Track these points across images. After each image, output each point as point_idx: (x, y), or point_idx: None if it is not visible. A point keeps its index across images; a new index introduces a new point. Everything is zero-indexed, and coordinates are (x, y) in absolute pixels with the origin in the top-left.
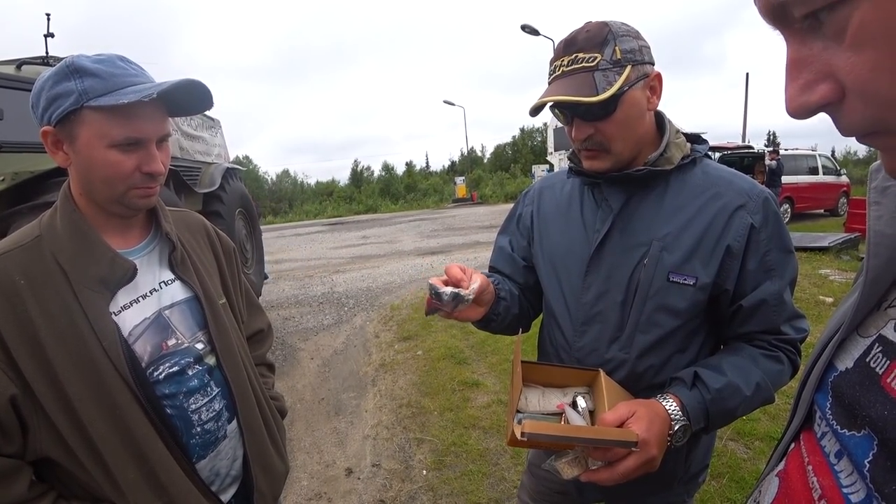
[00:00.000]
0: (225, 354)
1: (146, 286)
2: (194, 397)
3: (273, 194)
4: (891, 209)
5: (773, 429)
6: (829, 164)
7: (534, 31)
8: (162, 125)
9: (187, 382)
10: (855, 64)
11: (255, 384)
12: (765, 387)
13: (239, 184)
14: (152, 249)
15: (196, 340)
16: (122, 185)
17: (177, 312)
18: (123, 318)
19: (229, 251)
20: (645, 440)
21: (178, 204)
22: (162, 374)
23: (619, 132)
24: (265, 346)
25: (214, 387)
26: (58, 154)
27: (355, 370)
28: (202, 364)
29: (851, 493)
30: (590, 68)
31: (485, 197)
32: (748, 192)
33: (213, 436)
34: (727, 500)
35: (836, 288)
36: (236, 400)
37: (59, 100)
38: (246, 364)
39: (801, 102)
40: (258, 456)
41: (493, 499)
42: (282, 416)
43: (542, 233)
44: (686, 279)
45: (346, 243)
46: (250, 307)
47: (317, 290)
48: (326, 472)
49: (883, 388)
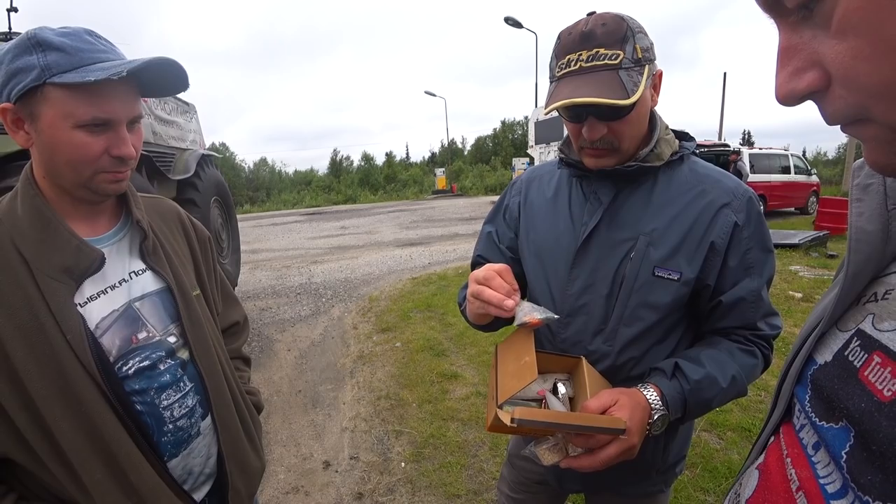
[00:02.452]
0: (199, 348)
1: (115, 276)
2: (166, 393)
3: (250, 183)
4: (872, 206)
5: (745, 420)
6: (800, 164)
7: (517, 23)
8: (133, 106)
9: (159, 378)
10: (838, 51)
11: (230, 379)
12: (740, 380)
13: (214, 171)
14: (122, 238)
15: (168, 334)
16: (88, 169)
17: (148, 304)
18: (90, 310)
19: (204, 240)
20: (627, 428)
21: (151, 191)
22: (132, 368)
23: (630, 131)
24: (241, 338)
25: (188, 382)
26: (18, 133)
27: (333, 362)
28: (174, 358)
29: (828, 484)
30: (613, 66)
31: (465, 189)
32: (733, 191)
33: (186, 433)
34: (700, 490)
35: (806, 284)
36: (210, 395)
37: (19, 75)
38: (221, 358)
39: (790, 89)
40: (233, 453)
41: (471, 490)
42: (258, 411)
43: (528, 224)
44: (671, 274)
45: (324, 233)
46: (226, 298)
47: (294, 281)
48: (304, 465)
49: (860, 381)
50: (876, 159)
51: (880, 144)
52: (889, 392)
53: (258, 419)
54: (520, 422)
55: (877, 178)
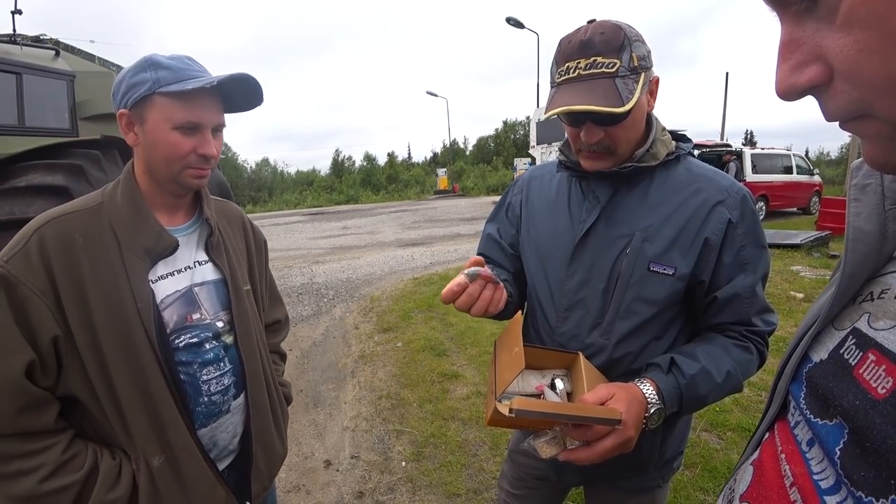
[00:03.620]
0: (242, 335)
1: (183, 262)
2: (207, 369)
3: (252, 183)
4: (869, 206)
5: (745, 420)
6: (802, 164)
7: (519, 23)
8: (217, 115)
9: (203, 354)
10: (843, 45)
11: (266, 368)
12: (735, 375)
13: (216, 171)
14: (193, 231)
15: (217, 319)
16: (178, 165)
17: (205, 291)
18: (159, 287)
19: (261, 244)
20: (623, 421)
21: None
22: (182, 342)
23: (626, 135)
24: (281, 335)
25: (227, 363)
26: (129, 134)
27: (334, 362)
28: (220, 341)
29: (821, 480)
30: (610, 74)
31: (466, 189)
32: (727, 189)
33: (218, 408)
34: (700, 490)
35: (807, 284)
36: (248, 378)
37: (135, 87)
38: (261, 348)
39: (791, 83)
40: (261, 434)
41: (471, 489)
42: (287, 403)
43: (529, 222)
44: (665, 269)
45: (326, 233)
46: (272, 298)
47: (296, 281)
48: (305, 463)
49: (855, 379)
50: (876, 156)
51: (881, 141)
52: (883, 390)
53: (286, 410)
54: (517, 412)
55: (874, 178)
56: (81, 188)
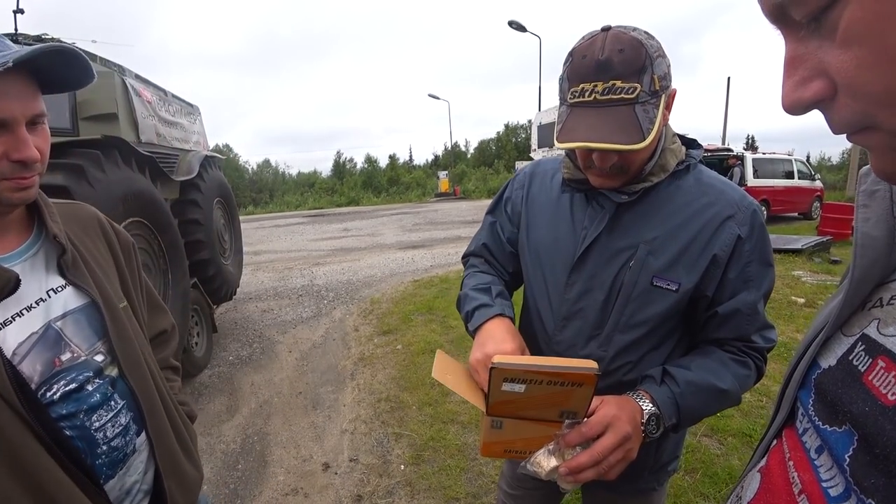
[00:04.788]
0: (128, 363)
1: (31, 296)
2: (97, 414)
3: (254, 184)
4: (878, 212)
5: (745, 425)
6: (804, 169)
7: (521, 27)
8: (31, 102)
9: (87, 399)
10: (843, 61)
11: (162, 391)
12: (733, 389)
13: (218, 172)
14: (36, 252)
15: (94, 352)
16: None
17: (70, 323)
18: (5, 336)
19: (128, 246)
20: (617, 416)
21: (153, 192)
22: (56, 393)
23: (640, 156)
24: (169, 348)
25: (119, 399)
26: None
27: (334, 364)
28: (103, 377)
29: (830, 487)
30: (629, 101)
31: (467, 192)
32: (738, 203)
33: (122, 452)
34: (700, 495)
35: (808, 289)
36: (144, 411)
37: None
38: (153, 370)
39: (796, 98)
40: (170, 466)
41: (470, 493)
42: (191, 420)
43: (530, 221)
44: (669, 284)
45: (326, 235)
46: (152, 307)
47: (296, 283)
48: (303, 466)
49: (864, 385)
50: (883, 167)
51: (887, 152)
52: (893, 396)
53: (192, 429)
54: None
55: (883, 184)
56: (82, 188)
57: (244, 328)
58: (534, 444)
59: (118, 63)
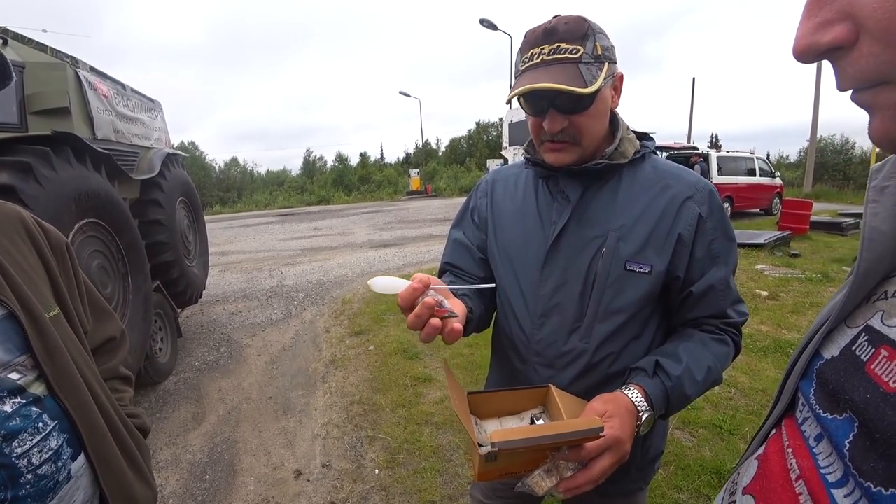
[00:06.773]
0: (60, 379)
1: None
2: (18, 439)
3: (221, 183)
4: (887, 207)
5: (716, 416)
6: (765, 167)
7: (492, 25)
8: None
9: (5, 423)
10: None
11: (105, 407)
12: (715, 369)
13: (181, 170)
14: None
15: (12, 369)
16: None
17: None
18: None
19: (60, 247)
20: (619, 438)
21: (111, 192)
22: None
23: (590, 126)
24: (118, 356)
25: (48, 420)
26: None
27: (304, 367)
28: (25, 396)
29: (829, 474)
30: (574, 59)
31: (439, 190)
32: (695, 185)
33: (52, 480)
34: (674, 488)
35: (771, 282)
36: (82, 431)
37: None
38: (93, 384)
39: (811, 42)
40: (117, 489)
41: (446, 496)
42: (144, 434)
43: (497, 226)
44: (642, 267)
45: (296, 235)
46: (97, 312)
47: (265, 284)
48: (274, 474)
49: (867, 374)
50: (889, 130)
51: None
52: (895, 383)
53: (145, 444)
54: (499, 444)
55: (893, 180)
56: (30, 188)
57: (211, 332)
58: (530, 465)
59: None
